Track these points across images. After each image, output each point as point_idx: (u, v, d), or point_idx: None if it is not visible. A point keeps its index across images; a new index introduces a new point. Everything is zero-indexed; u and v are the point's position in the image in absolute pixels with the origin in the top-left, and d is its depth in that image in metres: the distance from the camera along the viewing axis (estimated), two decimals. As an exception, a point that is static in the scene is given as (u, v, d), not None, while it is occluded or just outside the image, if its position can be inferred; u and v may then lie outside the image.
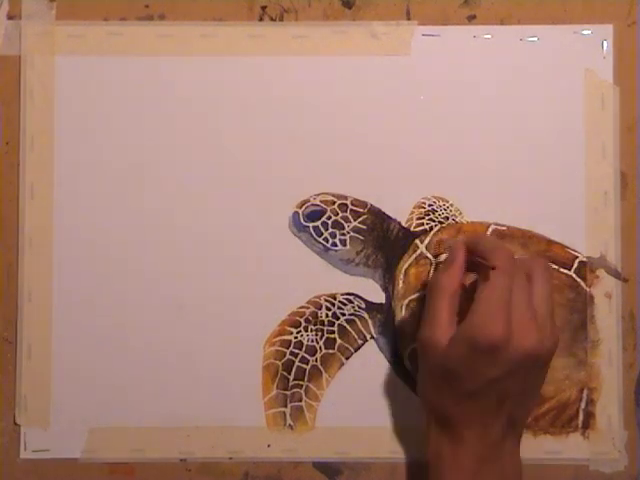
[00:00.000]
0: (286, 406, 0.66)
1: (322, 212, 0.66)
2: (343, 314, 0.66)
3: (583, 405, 0.66)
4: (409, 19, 0.67)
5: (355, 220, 0.67)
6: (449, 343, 0.57)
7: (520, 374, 0.57)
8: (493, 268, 0.57)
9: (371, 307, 0.66)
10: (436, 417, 0.59)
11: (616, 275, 0.66)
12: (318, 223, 0.66)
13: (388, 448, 0.66)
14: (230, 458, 0.66)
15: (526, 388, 0.59)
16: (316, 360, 0.66)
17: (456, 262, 0.60)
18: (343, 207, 0.67)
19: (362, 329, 0.66)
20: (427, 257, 0.67)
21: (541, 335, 0.57)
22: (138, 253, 0.66)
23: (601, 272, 0.66)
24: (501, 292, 0.56)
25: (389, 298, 0.66)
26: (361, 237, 0.67)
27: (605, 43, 0.67)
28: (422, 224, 0.67)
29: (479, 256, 0.59)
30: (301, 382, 0.66)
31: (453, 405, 0.58)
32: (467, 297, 0.59)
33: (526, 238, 0.66)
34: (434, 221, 0.67)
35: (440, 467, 0.58)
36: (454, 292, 0.59)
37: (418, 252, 0.67)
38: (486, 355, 0.56)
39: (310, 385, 0.66)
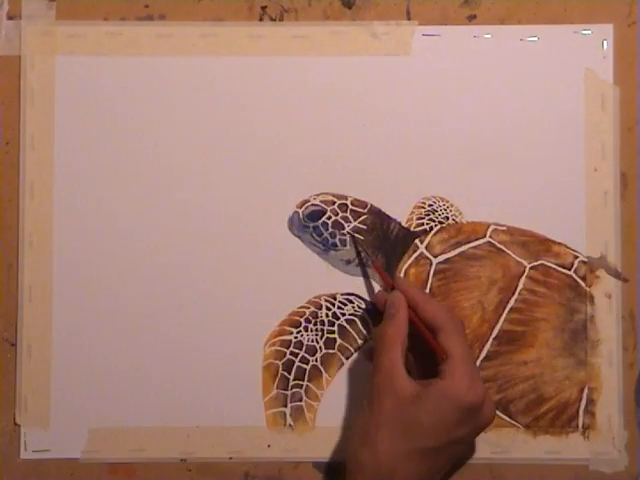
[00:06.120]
0: (286, 406, 0.66)
1: (322, 212, 0.66)
2: (343, 314, 0.66)
3: (583, 405, 0.66)
4: (409, 19, 0.67)
5: (355, 220, 0.67)
6: (420, 397, 0.57)
7: (472, 439, 0.61)
8: (434, 339, 0.59)
9: (371, 307, 0.66)
10: (376, 464, 0.58)
11: (616, 275, 0.66)
12: (318, 223, 0.66)
13: (388, 448, 0.66)
14: (230, 458, 0.66)
15: (460, 454, 0.61)
16: (316, 360, 0.66)
17: (400, 314, 0.60)
18: (343, 207, 0.67)
19: (362, 329, 0.66)
20: (427, 257, 0.67)
21: (494, 409, 0.61)
22: (138, 253, 0.66)
23: (601, 272, 0.66)
24: (469, 356, 0.59)
25: (389, 298, 0.66)
26: (361, 237, 0.67)
27: (605, 43, 0.67)
28: (422, 224, 0.67)
29: (421, 318, 0.60)
30: (301, 382, 0.66)
31: (402, 458, 0.57)
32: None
33: (526, 238, 0.66)
34: (434, 221, 0.67)
35: None
36: (403, 343, 0.59)
37: (418, 252, 0.67)
38: (463, 414, 0.57)
39: (310, 385, 0.66)
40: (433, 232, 0.67)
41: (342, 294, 0.66)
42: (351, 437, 0.60)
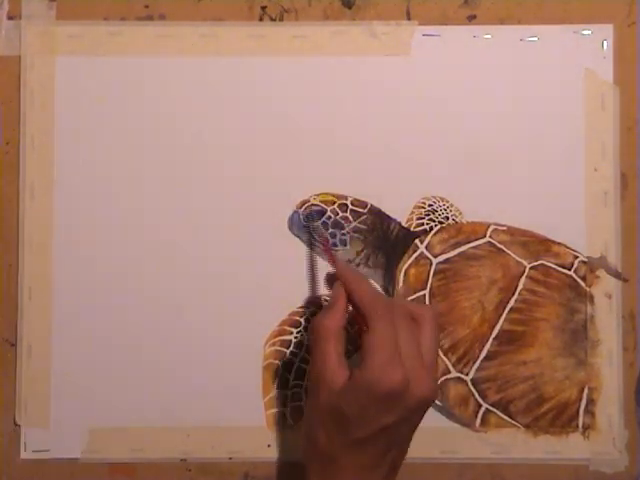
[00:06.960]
0: (286, 406, 0.66)
1: (322, 212, 0.66)
2: (343, 314, 0.66)
3: (583, 405, 0.66)
4: (409, 19, 0.67)
5: (355, 220, 0.67)
6: (344, 388, 0.56)
7: (412, 420, 0.57)
8: (366, 326, 0.57)
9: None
10: (319, 455, 0.57)
11: (616, 275, 0.66)
12: (318, 223, 0.66)
13: (388, 448, 0.66)
14: (230, 458, 0.66)
15: (411, 434, 0.58)
16: (316, 360, 0.66)
17: (338, 305, 0.58)
18: (343, 207, 0.67)
19: (362, 329, 0.66)
20: (427, 257, 0.67)
21: (432, 382, 0.57)
22: (138, 253, 0.66)
23: (601, 272, 0.66)
24: (389, 340, 0.56)
25: (389, 298, 0.66)
26: (361, 237, 0.67)
27: (605, 43, 0.67)
28: (422, 224, 0.67)
29: (355, 306, 0.58)
30: (301, 382, 0.66)
31: (340, 449, 0.56)
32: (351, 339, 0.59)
33: (526, 238, 0.66)
34: (434, 221, 0.67)
35: None
36: (338, 333, 0.57)
37: (418, 252, 0.67)
38: (383, 402, 0.55)
39: (310, 385, 0.66)
40: (433, 232, 0.67)
41: (342, 294, 0.66)
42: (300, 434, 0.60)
